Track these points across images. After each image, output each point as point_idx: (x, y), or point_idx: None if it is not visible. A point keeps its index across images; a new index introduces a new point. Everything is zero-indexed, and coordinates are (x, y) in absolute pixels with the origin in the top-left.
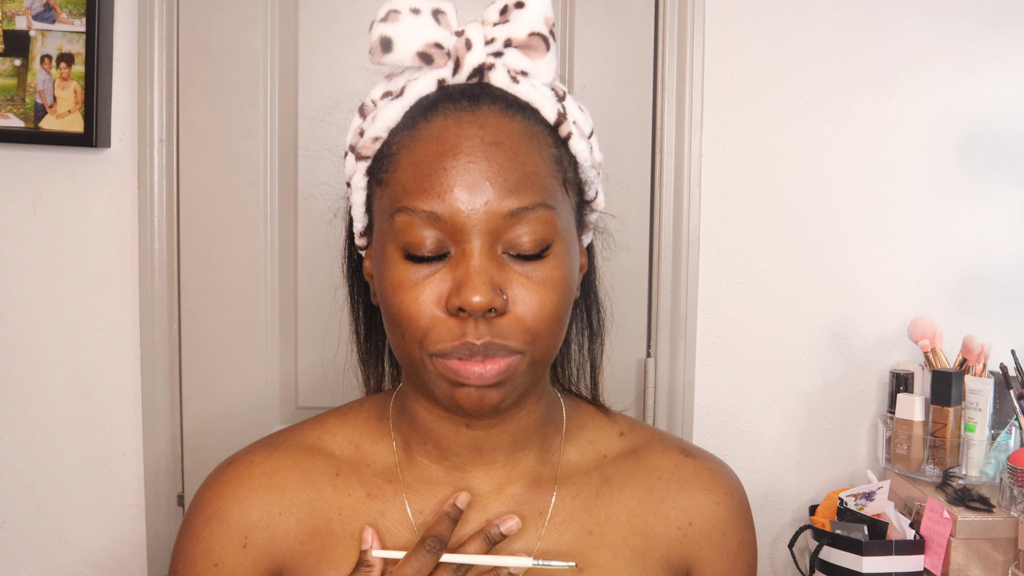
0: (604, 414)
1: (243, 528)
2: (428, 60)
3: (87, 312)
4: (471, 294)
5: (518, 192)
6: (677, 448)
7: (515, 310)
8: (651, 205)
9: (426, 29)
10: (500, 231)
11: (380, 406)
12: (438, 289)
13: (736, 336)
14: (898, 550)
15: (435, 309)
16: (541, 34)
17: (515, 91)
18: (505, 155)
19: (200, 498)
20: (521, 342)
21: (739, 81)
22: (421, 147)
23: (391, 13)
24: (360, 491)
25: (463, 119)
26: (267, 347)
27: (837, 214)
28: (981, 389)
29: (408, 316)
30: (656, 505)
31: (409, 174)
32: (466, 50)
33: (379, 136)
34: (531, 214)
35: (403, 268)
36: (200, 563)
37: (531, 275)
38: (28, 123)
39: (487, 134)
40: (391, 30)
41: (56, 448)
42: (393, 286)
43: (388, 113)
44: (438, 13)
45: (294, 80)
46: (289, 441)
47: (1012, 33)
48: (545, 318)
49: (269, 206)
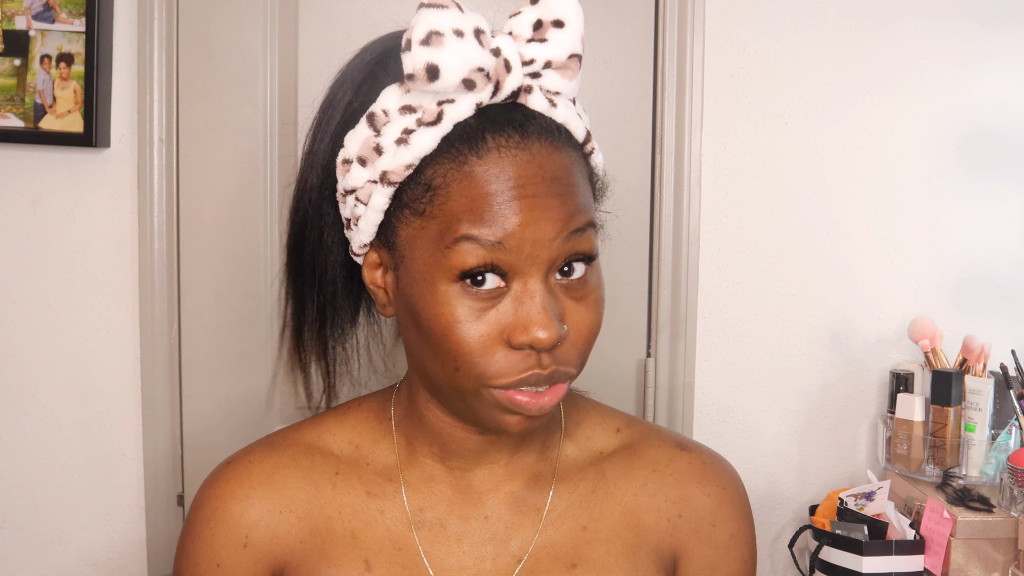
0: (600, 411)
1: (243, 527)
2: (471, 86)
3: (87, 312)
4: (541, 331)
5: (573, 220)
6: (673, 442)
7: (571, 336)
8: (651, 205)
9: (474, 54)
10: (556, 260)
11: (380, 406)
12: (499, 323)
13: (736, 336)
14: (898, 550)
15: (497, 344)
16: (579, 55)
17: (552, 115)
18: (564, 189)
19: (200, 498)
20: (575, 365)
21: (739, 81)
22: (478, 185)
23: (433, 36)
24: (360, 489)
25: (519, 158)
26: (267, 347)
27: (837, 214)
28: (981, 389)
29: (469, 352)
30: (649, 499)
31: (464, 207)
32: (506, 72)
33: (412, 164)
34: (581, 235)
35: (460, 301)
36: (202, 563)
37: (579, 299)
38: (28, 123)
39: (545, 172)
40: (437, 56)
41: (56, 448)
42: (449, 320)
43: (424, 141)
44: (480, 33)
45: (294, 80)
46: (288, 440)
47: (1012, 33)
48: (592, 339)
49: (269, 206)
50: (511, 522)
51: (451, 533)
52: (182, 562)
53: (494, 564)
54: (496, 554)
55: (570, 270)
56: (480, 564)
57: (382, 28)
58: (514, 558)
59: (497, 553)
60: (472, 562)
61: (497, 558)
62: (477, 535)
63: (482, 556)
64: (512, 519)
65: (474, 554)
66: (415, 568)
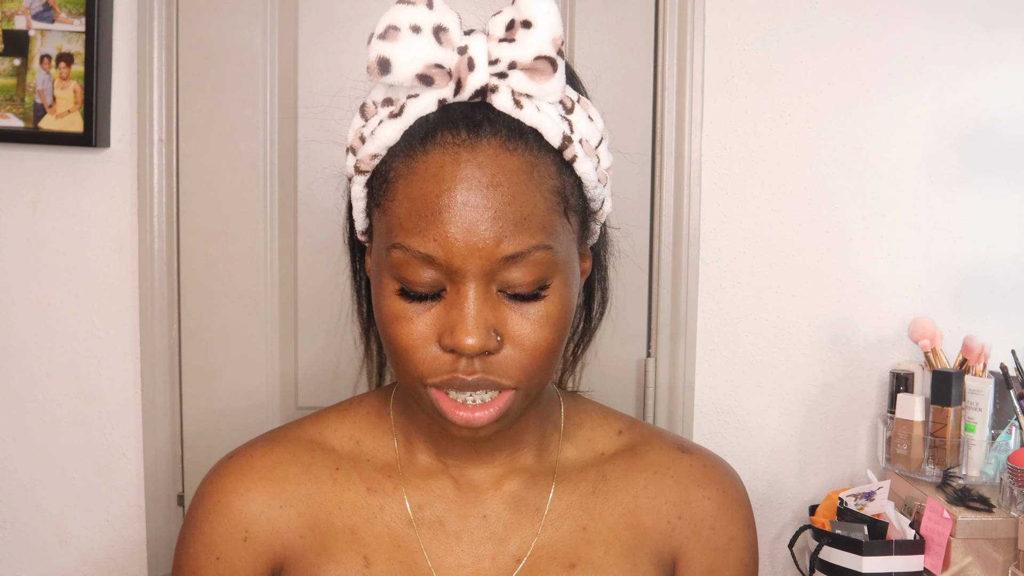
0: (602, 413)
1: (243, 521)
2: (428, 82)
3: (87, 312)
4: (464, 337)
5: (515, 236)
6: (674, 445)
7: (510, 347)
8: (651, 205)
9: (425, 50)
10: (495, 272)
11: (380, 402)
12: (433, 325)
13: (736, 336)
14: (898, 550)
15: (430, 343)
16: (548, 57)
17: (519, 116)
18: (503, 197)
19: (201, 492)
20: (515, 379)
21: (739, 81)
22: (417, 183)
23: (390, 30)
24: (360, 485)
25: (461, 157)
26: (267, 347)
27: (837, 214)
28: (981, 389)
29: (403, 348)
30: (649, 500)
31: (405, 209)
32: (468, 71)
33: (377, 154)
34: (527, 258)
35: (398, 302)
36: (202, 557)
37: (527, 314)
38: (27, 123)
39: (484, 175)
40: (389, 50)
41: (56, 448)
42: (389, 317)
43: (386, 133)
44: (440, 31)
45: (294, 80)
46: (290, 436)
47: (1012, 33)
48: (539, 355)
49: (269, 206)
50: (510, 521)
51: (450, 531)
52: (182, 555)
53: (493, 563)
54: (495, 553)
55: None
56: (479, 563)
57: None
58: (513, 557)
59: (496, 552)
60: (471, 560)
61: (496, 557)
62: (476, 533)
63: (481, 555)
64: (511, 518)
65: (473, 552)
66: (414, 565)
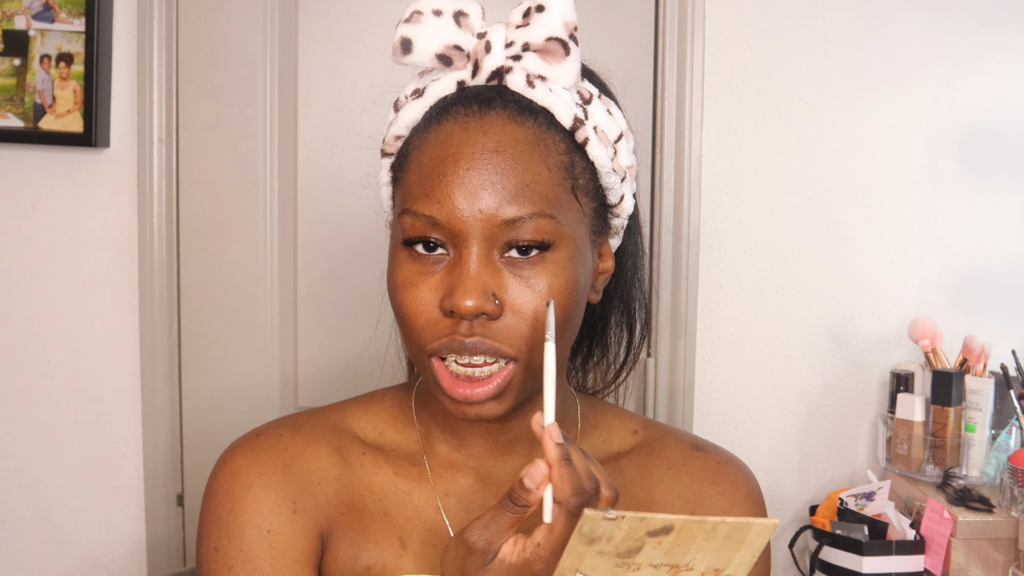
0: (618, 414)
1: (290, 493)
2: (447, 62)
3: (87, 312)
4: (462, 298)
5: (516, 201)
6: (689, 443)
7: (511, 314)
8: (651, 205)
9: (445, 31)
10: (496, 238)
11: (403, 396)
12: (436, 290)
13: (736, 336)
14: (898, 550)
15: (432, 308)
16: (559, 39)
17: (531, 95)
18: (506, 162)
19: (232, 468)
20: (515, 348)
21: (739, 81)
22: (428, 151)
23: (414, 14)
24: (387, 470)
25: (470, 124)
26: (267, 347)
27: (837, 214)
28: (981, 389)
29: (408, 314)
30: (663, 496)
31: (416, 177)
32: (485, 53)
33: (401, 135)
34: (528, 223)
35: (406, 267)
36: (249, 530)
37: (528, 281)
38: (27, 123)
39: (489, 141)
40: (412, 31)
41: (56, 448)
42: (397, 284)
43: (408, 113)
44: (460, 15)
45: (294, 80)
46: (313, 420)
47: (1012, 33)
48: (541, 325)
49: (269, 206)
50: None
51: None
52: (219, 534)
53: None
54: None
55: (527, 250)
56: None
57: (382, 28)
58: None
59: None
60: None
61: None
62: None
63: None
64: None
65: None
66: None
